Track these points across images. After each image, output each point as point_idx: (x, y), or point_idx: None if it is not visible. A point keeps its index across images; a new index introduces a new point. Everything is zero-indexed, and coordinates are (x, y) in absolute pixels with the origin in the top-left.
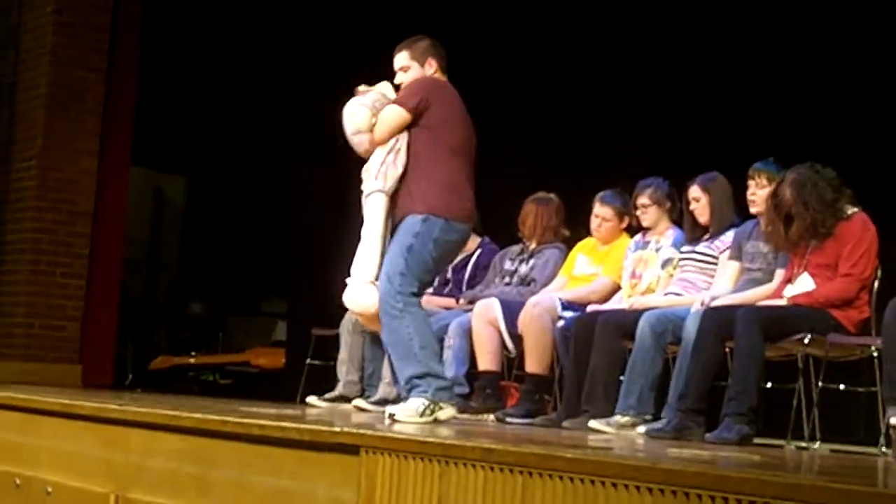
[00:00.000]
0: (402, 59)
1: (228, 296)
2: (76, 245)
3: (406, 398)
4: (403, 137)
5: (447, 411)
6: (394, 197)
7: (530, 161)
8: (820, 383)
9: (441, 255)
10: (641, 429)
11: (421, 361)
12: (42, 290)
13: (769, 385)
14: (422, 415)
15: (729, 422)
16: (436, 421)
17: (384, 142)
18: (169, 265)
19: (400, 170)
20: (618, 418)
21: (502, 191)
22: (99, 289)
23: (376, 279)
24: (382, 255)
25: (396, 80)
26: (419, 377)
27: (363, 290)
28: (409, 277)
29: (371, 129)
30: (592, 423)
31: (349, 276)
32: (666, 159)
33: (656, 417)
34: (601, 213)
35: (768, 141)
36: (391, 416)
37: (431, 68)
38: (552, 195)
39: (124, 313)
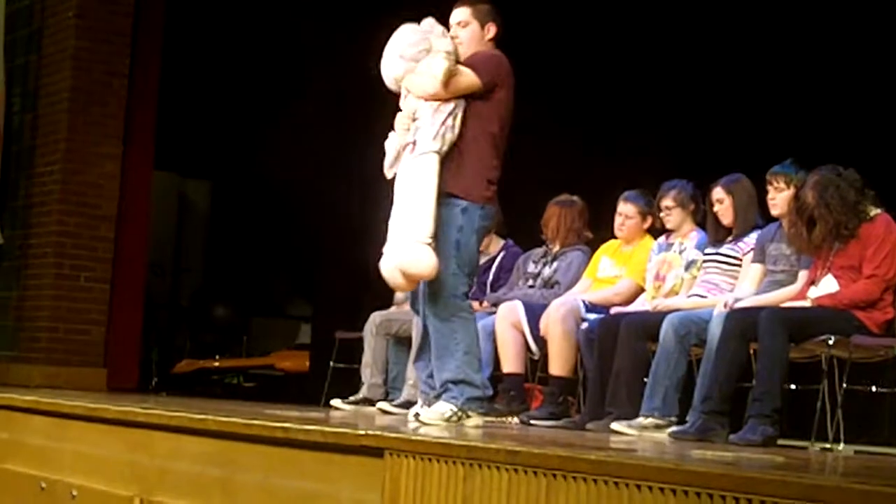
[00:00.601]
0: (462, 13)
1: (253, 299)
2: (100, 249)
3: (436, 400)
4: (461, 105)
5: (474, 420)
6: None
7: (554, 163)
8: (844, 384)
9: (480, 245)
10: (665, 431)
11: (460, 367)
12: (66, 294)
13: (793, 386)
14: (447, 420)
15: (753, 423)
16: (450, 426)
17: (444, 99)
18: (193, 269)
19: (455, 135)
20: (641, 420)
21: (526, 193)
22: (123, 292)
23: (431, 238)
24: (435, 217)
25: (455, 32)
26: (454, 382)
27: (419, 250)
28: (460, 277)
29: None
30: (615, 426)
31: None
32: (690, 161)
33: (681, 419)
34: (624, 210)
35: (791, 142)
36: (416, 416)
37: (490, 34)
38: (575, 197)
39: (148, 317)
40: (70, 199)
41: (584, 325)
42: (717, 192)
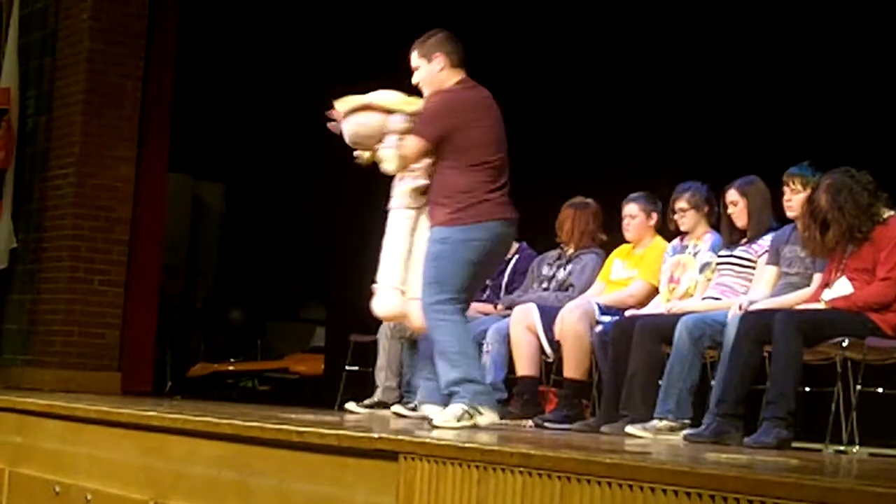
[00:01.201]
0: (413, 58)
1: (267, 302)
2: (114, 252)
3: (446, 404)
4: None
5: (487, 416)
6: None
7: (568, 166)
8: (858, 387)
9: (481, 257)
10: (680, 433)
11: (459, 367)
12: (80, 297)
13: (807, 389)
14: (459, 420)
15: (767, 426)
16: (475, 426)
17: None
18: (207, 271)
19: (420, 183)
20: (655, 423)
21: (540, 196)
22: (137, 296)
23: (401, 284)
24: (405, 263)
25: (413, 80)
26: (457, 383)
27: (385, 294)
28: (440, 285)
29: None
30: (630, 429)
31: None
32: (704, 163)
33: (695, 422)
34: (627, 211)
35: (805, 144)
36: (429, 420)
37: (439, 65)
38: (589, 200)
39: (163, 320)
40: (84, 202)
41: (599, 328)
42: (732, 195)
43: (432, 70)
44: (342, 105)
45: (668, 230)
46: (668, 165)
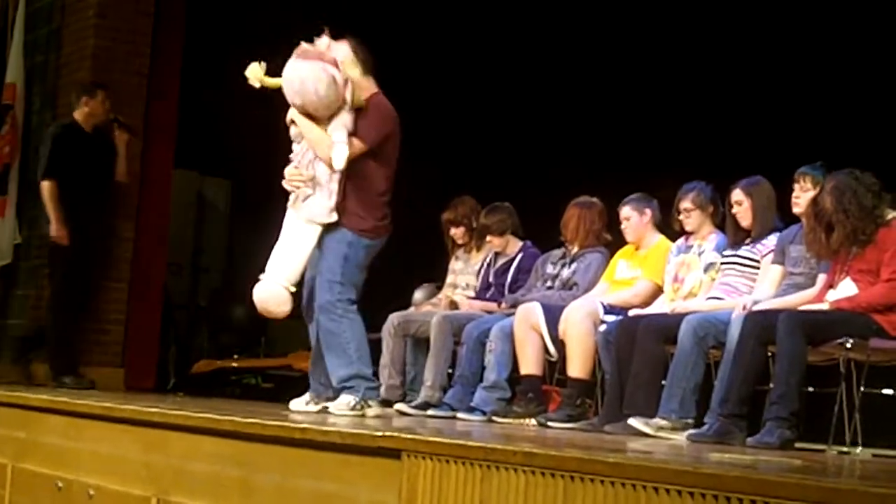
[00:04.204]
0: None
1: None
2: (119, 249)
3: (337, 395)
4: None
5: (374, 409)
6: None
7: (573, 166)
8: (862, 388)
9: (368, 262)
10: (683, 433)
11: (353, 364)
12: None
13: (811, 389)
14: (352, 409)
15: (771, 426)
16: (364, 416)
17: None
18: (212, 268)
19: (341, 197)
20: (659, 421)
21: (544, 195)
22: (141, 292)
23: (294, 286)
24: (303, 264)
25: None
26: (352, 378)
27: (277, 291)
28: (346, 286)
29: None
30: (632, 421)
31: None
32: (709, 164)
33: (698, 422)
34: (622, 215)
35: (810, 144)
36: (326, 409)
37: (353, 70)
38: (595, 199)
39: (167, 316)
40: None
41: (603, 327)
42: (737, 195)
43: (347, 74)
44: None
45: (672, 230)
46: (673, 165)
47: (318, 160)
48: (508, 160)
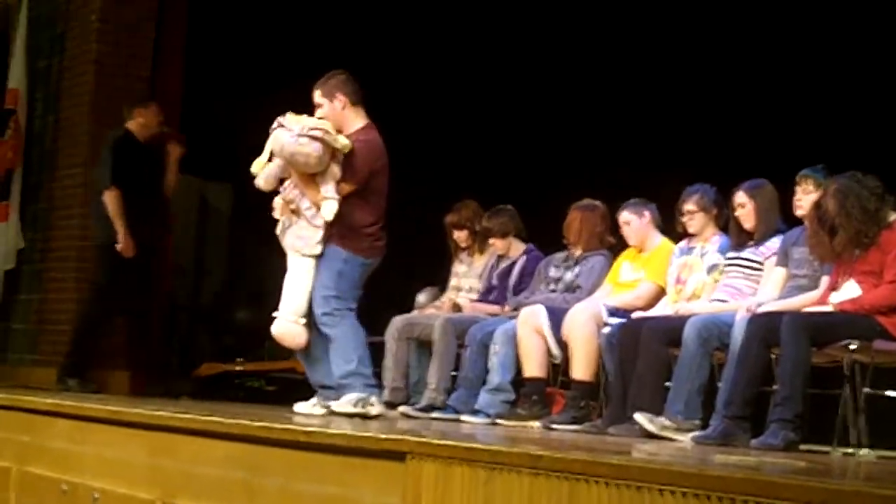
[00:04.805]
0: (316, 96)
1: (274, 302)
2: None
3: (340, 394)
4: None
5: (377, 407)
6: None
7: (576, 168)
8: (866, 389)
9: (363, 280)
10: (687, 435)
11: (353, 361)
12: (88, 296)
13: (815, 391)
14: (355, 405)
15: (775, 428)
16: (367, 414)
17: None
18: (214, 271)
19: (321, 235)
20: (663, 420)
21: (548, 198)
22: None
23: (304, 317)
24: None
25: (317, 116)
26: (351, 374)
27: (292, 328)
28: (340, 299)
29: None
30: (637, 416)
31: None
32: (712, 167)
33: (703, 423)
34: (621, 220)
35: (813, 147)
36: (329, 408)
37: (340, 104)
38: (597, 202)
39: (170, 320)
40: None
41: (606, 330)
42: (740, 197)
43: (335, 108)
44: (294, 122)
45: (676, 233)
46: (676, 168)
47: (304, 196)
48: (511, 163)
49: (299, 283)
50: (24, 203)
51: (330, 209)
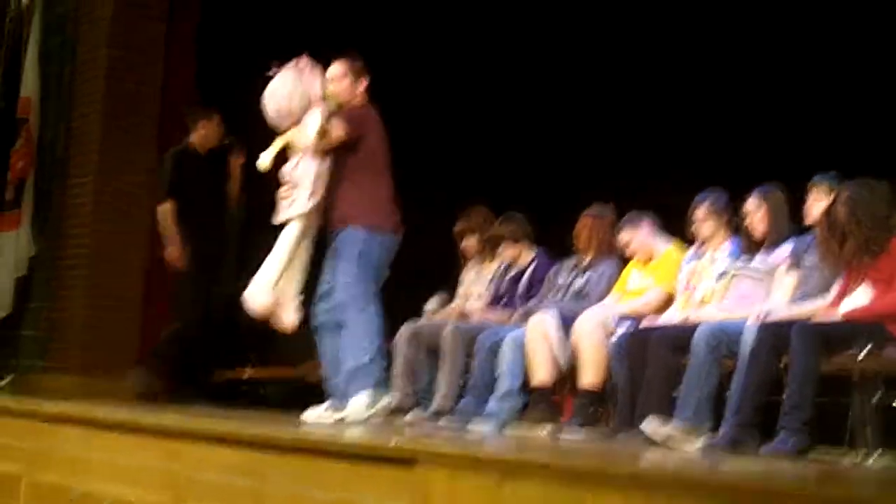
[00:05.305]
0: (339, 71)
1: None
2: (133, 259)
3: (348, 391)
4: (326, 162)
5: (385, 400)
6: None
7: (585, 174)
8: (877, 397)
9: (386, 261)
10: (697, 441)
11: (368, 352)
12: (98, 303)
13: (825, 399)
14: (368, 407)
15: (784, 435)
16: (378, 413)
17: (319, 151)
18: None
19: (323, 190)
20: (672, 426)
21: (557, 203)
22: (155, 303)
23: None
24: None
25: (332, 88)
26: (361, 368)
27: (251, 291)
28: (363, 284)
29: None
30: (646, 422)
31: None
32: (722, 173)
33: (713, 429)
34: (621, 241)
35: (824, 154)
36: (342, 420)
37: (361, 87)
38: (607, 209)
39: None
40: (103, 209)
41: (615, 337)
42: (751, 202)
43: (356, 89)
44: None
45: (687, 239)
46: (686, 174)
47: (299, 165)
48: (519, 169)
49: (276, 250)
50: (36, 210)
51: (313, 121)
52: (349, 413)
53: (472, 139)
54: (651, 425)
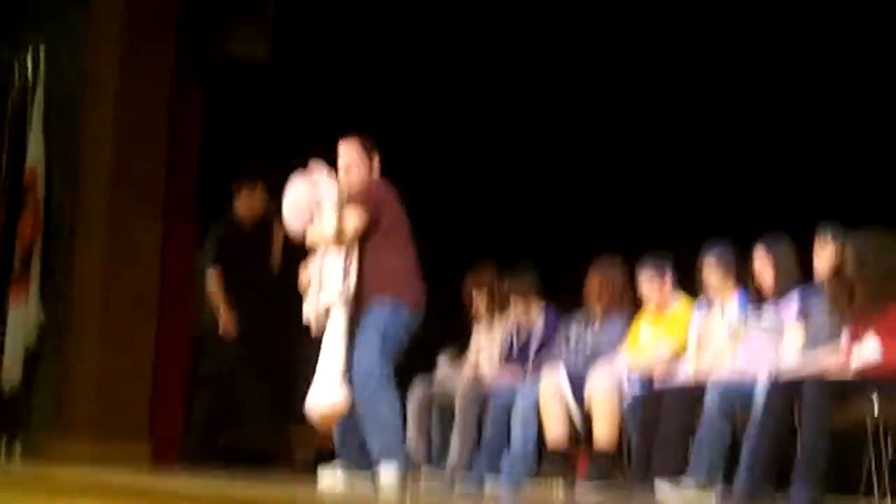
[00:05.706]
0: (354, 154)
1: (289, 370)
2: (142, 326)
3: (378, 466)
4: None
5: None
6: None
7: (593, 226)
8: (890, 449)
9: (405, 340)
10: (711, 498)
11: (398, 435)
12: (109, 370)
13: (840, 448)
14: (399, 480)
15: (798, 488)
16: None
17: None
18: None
19: (354, 279)
20: (686, 484)
21: (565, 257)
22: (167, 368)
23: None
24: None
25: (346, 172)
26: (389, 444)
27: (332, 390)
28: (388, 359)
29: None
30: (660, 484)
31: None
32: (730, 223)
33: (726, 481)
34: (643, 290)
35: (832, 203)
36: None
37: (375, 164)
38: (617, 261)
39: (192, 390)
40: (111, 276)
41: (627, 393)
42: (759, 253)
43: (372, 168)
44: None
45: (693, 292)
46: (693, 224)
47: (324, 261)
48: (526, 222)
49: (329, 345)
50: (43, 278)
51: (329, 223)
52: (383, 486)
53: (477, 192)
54: (664, 489)
